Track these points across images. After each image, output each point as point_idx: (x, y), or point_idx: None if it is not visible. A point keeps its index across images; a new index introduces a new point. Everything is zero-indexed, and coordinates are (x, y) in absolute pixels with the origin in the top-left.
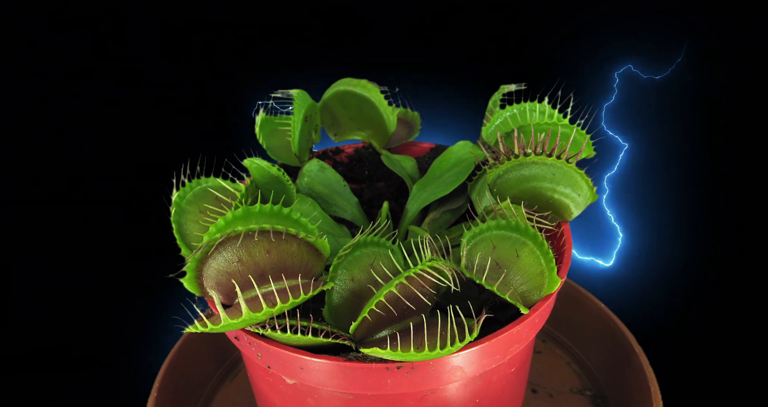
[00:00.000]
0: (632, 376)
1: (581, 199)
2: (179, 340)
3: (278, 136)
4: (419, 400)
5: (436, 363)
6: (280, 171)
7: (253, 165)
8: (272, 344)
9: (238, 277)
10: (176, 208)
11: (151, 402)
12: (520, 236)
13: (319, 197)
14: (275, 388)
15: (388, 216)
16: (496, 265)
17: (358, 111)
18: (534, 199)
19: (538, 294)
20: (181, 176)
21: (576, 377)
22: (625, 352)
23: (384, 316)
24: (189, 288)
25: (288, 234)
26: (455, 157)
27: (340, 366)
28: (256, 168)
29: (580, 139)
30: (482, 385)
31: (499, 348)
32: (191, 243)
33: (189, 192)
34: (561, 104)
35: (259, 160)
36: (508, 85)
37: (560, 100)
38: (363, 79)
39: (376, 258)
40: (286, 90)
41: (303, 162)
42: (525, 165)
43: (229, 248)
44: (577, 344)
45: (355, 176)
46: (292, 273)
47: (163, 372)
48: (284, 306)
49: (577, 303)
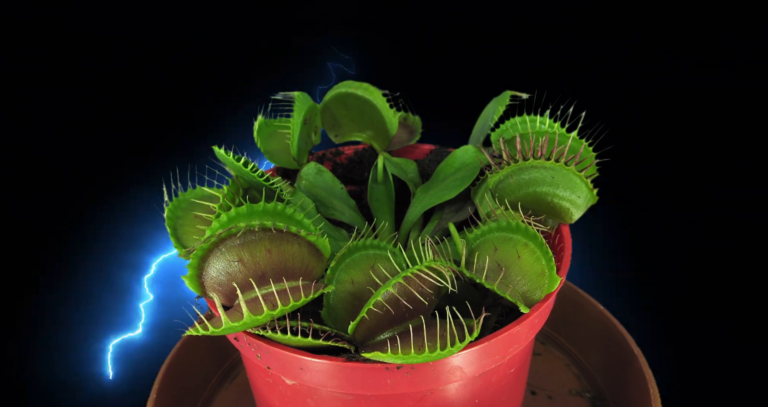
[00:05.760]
0: (631, 378)
1: (581, 201)
2: (179, 342)
3: (277, 138)
4: (419, 400)
5: (435, 364)
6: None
7: (227, 161)
8: (272, 345)
9: (238, 278)
10: (170, 214)
11: (151, 404)
12: (521, 237)
13: (318, 200)
14: (275, 389)
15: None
16: (497, 266)
17: (359, 113)
18: (535, 202)
19: (539, 294)
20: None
21: (575, 379)
22: (625, 354)
23: (383, 317)
24: (190, 287)
25: (289, 232)
26: (459, 161)
27: (339, 367)
28: (229, 163)
29: (577, 145)
30: (482, 386)
31: (498, 349)
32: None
33: (183, 201)
34: (562, 118)
35: (226, 154)
36: (514, 92)
37: (562, 113)
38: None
39: (376, 261)
40: (286, 92)
41: (301, 165)
42: (525, 169)
43: (231, 247)
44: (576, 346)
45: (355, 178)
46: (293, 274)
47: (163, 373)
48: (285, 309)
49: (577, 306)
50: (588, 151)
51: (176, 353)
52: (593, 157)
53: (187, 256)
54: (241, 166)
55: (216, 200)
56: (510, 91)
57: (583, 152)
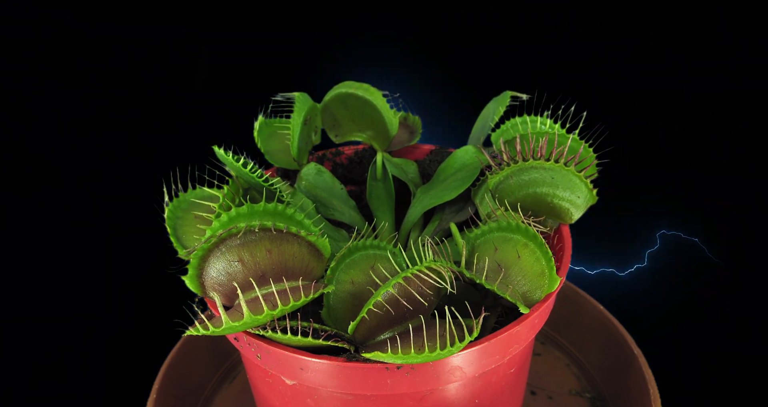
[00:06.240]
0: (631, 378)
1: (581, 201)
2: (178, 342)
3: (277, 139)
4: (418, 400)
5: (435, 364)
6: (254, 169)
7: (227, 161)
8: (272, 345)
9: (239, 278)
10: (170, 214)
11: (151, 404)
12: (521, 237)
13: (318, 201)
14: (275, 389)
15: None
16: (498, 266)
17: (359, 113)
18: (535, 203)
19: (539, 294)
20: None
21: (575, 379)
22: (625, 354)
23: (383, 317)
24: (191, 287)
25: (289, 232)
26: (459, 162)
27: (339, 367)
28: (229, 164)
29: (576, 146)
30: (481, 386)
31: (498, 349)
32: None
33: (183, 201)
34: (562, 119)
35: (226, 155)
36: (514, 92)
37: (562, 113)
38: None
39: (376, 261)
40: (286, 93)
41: (301, 165)
42: (525, 170)
43: (231, 247)
44: (576, 346)
45: (355, 178)
46: (293, 274)
47: (163, 373)
48: (285, 309)
49: (576, 306)
50: (588, 151)
51: (176, 353)
52: (593, 158)
53: (187, 256)
54: (240, 166)
55: (216, 200)
56: (510, 92)
57: (582, 152)
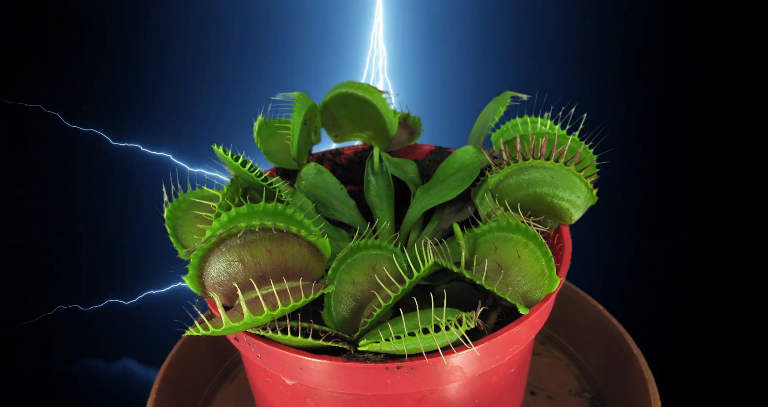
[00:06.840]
0: (631, 378)
1: (581, 201)
2: (178, 342)
3: (277, 139)
4: (419, 400)
5: (435, 363)
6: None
7: (226, 160)
8: (272, 345)
9: (239, 278)
10: (170, 214)
11: (151, 404)
12: (521, 237)
13: (318, 200)
14: (275, 389)
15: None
16: (497, 266)
17: (359, 113)
18: (535, 203)
19: (539, 295)
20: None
21: (575, 379)
22: (624, 354)
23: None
24: (191, 286)
25: (289, 232)
26: (459, 162)
27: (339, 367)
28: (229, 163)
29: (576, 146)
30: (481, 386)
31: (498, 349)
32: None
33: (183, 201)
34: (562, 120)
35: (225, 153)
36: (514, 93)
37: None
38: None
39: (377, 262)
40: (286, 93)
41: (301, 165)
42: (524, 169)
43: (231, 247)
44: (575, 346)
45: (355, 178)
46: (293, 275)
47: (162, 373)
48: (285, 309)
49: (576, 306)
50: (587, 151)
51: (176, 353)
52: (593, 158)
53: (187, 256)
54: (239, 165)
55: (216, 200)
56: (510, 92)
57: (582, 153)
